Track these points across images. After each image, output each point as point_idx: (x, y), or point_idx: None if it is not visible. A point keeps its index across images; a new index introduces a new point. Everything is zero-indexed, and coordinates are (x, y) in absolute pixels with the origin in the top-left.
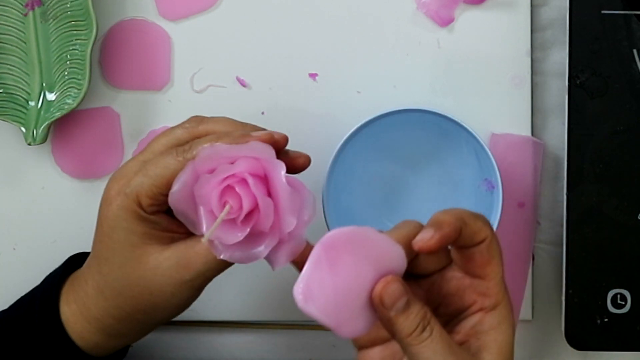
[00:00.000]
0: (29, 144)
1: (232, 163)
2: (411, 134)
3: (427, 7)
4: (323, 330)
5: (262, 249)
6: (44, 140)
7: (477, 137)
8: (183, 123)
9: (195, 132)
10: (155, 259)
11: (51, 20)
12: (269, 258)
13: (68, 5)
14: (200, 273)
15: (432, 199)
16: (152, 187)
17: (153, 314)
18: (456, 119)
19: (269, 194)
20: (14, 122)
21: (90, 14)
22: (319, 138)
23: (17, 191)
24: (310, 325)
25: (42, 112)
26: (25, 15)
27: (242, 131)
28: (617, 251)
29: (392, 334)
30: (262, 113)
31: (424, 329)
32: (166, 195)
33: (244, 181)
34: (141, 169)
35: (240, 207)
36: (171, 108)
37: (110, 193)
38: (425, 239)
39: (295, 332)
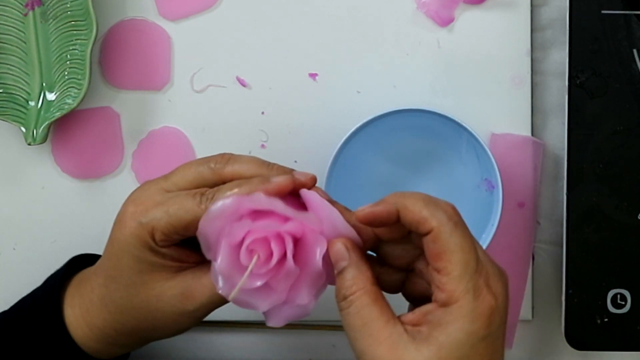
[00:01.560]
0: (29, 144)
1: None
2: (411, 133)
3: (427, 7)
4: (323, 330)
5: (264, 305)
6: (44, 140)
7: (477, 137)
8: (210, 159)
9: (222, 174)
10: (160, 287)
11: (51, 20)
12: (266, 312)
13: (68, 5)
14: (203, 305)
15: None
16: (169, 225)
17: (154, 333)
18: (456, 119)
19: (295, 256)
20: (14, 122)
21: (90, 14)
22: (319, 138)
23: (17, 191)
24: (311, 325)
25: (42, 112)
26: (25, 15)
27: (267, 172)
28: (617, 251)
29: None
30: (262, 113)
31: (344, 299)
32: (181, 235)
33: (280, 237)
34: (162, 202)
35: (267, 262)
36: (171, 108)
37: (125, 215)
38: (358, 211)
39: (295, 332)
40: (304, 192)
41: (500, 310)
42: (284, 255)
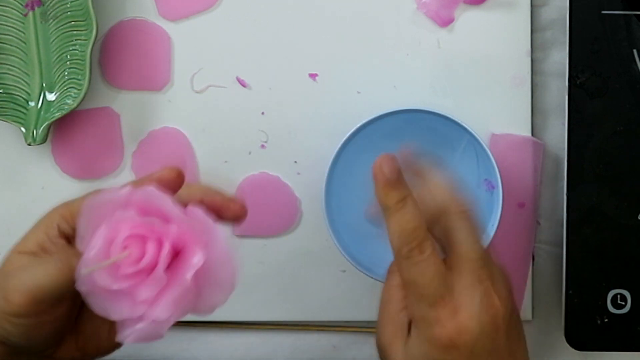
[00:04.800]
0: (29, 144)
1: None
2: (411, 134)
3: (427, 7)
4: (324, 331)
5: (117, 314)
6: (44, 141)
7: (477, 137)
8: None
9: None
10: None
11: (51, 20)
12: (119, 324)
13: (68, 6)
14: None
15: None
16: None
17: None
18: (456, 119)
19: (168, 265)
20: (14, 122)
21: (90, 14)
22: (319, 138)
23: (17, 191)
24: (311, 326)
25: (42, 112)
26: (25, 15)
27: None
28: (617, 251)
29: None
30: (262, 113)
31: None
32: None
33: (159, 242)
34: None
35: (136, 262)
36: (171, 108)
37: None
38: None
39: (296, 333)
40: (190, 207)
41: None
42: (157, 261)
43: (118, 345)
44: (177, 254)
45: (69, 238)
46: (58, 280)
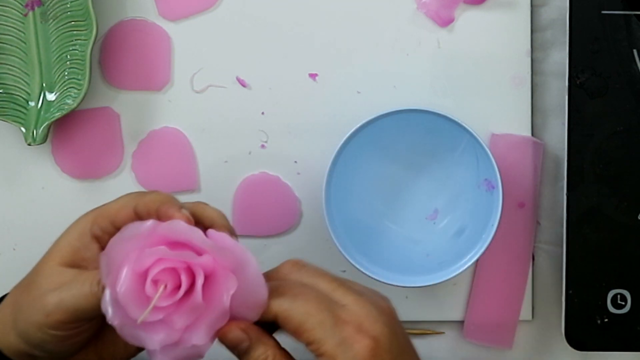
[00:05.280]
0: (29, 144)
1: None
2: (411, 134)
3: (427, 7)
4: None
5: (154, 343)
6: (44, 141)
7: (477, 137)
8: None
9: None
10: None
11: (51, 20)
12: (152, 351)
13: (68, 6)
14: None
15: (432, 199)
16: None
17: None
18: (456, 119)
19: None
20: (14, 122)
21: (90, 14)
22: (319, 138)
23: (17, 191)
24: None
25: (42, 112)
26: (25, 15)
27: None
28: (617, 251)
29: None
30: (262, 113)
31: None
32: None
33: (190, 270)
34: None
35: (172, 294)
36: (171, 108)
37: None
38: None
39: None
40: (214, 233)
41: (384, 348)
42: (189, 289)
43: (134, 353)
44: (207, 280)
45: (102, 241)
46: (96, 303)
